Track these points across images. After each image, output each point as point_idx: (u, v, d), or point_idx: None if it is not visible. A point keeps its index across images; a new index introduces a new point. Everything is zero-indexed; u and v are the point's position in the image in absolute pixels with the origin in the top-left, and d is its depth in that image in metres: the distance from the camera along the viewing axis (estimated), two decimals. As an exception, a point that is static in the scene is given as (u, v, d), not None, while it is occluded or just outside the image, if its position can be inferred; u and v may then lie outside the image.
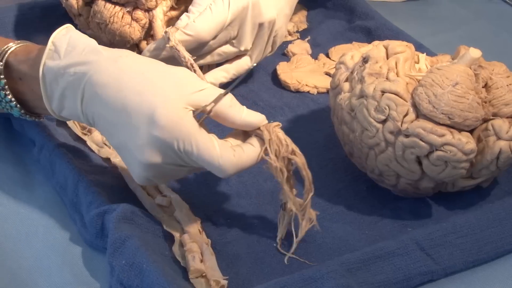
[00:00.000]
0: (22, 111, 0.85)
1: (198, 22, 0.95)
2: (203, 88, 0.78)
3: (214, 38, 0.97)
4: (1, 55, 0.83)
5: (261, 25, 0.99)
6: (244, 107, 0.79)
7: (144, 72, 0.78)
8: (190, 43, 0.95)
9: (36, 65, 0.80)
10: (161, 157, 0.76)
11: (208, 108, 0.77)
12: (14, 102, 0.83)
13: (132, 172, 0.80)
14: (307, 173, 0.79)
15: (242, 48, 1.00)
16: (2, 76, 0.82)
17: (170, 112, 0.75)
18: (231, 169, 0.77)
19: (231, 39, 0.99)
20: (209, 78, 0.99)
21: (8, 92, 0.83)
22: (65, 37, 0.80)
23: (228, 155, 0.77)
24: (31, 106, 0.85)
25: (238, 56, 1.01)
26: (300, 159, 0.79)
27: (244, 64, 1.02)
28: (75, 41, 0.80)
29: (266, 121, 0.80)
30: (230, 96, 0.78)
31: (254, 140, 0.79)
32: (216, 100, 0.77)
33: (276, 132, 0.79)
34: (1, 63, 0.82)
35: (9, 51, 0.83)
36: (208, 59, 1.00)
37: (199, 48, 0.97)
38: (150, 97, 0.76)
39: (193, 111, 0.77)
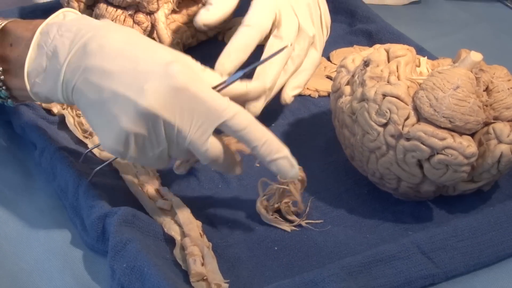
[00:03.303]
0: (1, 77, 0.81)
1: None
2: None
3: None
4: (3, 21, 0.82)
5: (308, 5, 0.95)
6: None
7: (152, 42, 0.79)
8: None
9: (35, 28, 0.79)
10: (163, 110, 0.74)
11: (222, 85, 0.79)
12: None
13: (109, 132, 0.76)
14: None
15: (311, 33, 0.94)
16: None
17: (186, 66, 0.76)
18: (246, 114, 0.76)
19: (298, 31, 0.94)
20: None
21: None
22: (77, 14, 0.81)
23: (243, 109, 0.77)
24: (6, 80, 0.82)
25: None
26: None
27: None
28: (85, 16, 0.81)
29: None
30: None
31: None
32: (233, 78, 0.79)
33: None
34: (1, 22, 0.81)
35: (11, 20, 0.82)
36: (290, 67, 0.94)
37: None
38: (162, 53, 0.76)
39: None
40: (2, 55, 0.81)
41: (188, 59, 0.80)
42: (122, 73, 0.75)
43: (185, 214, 0.84)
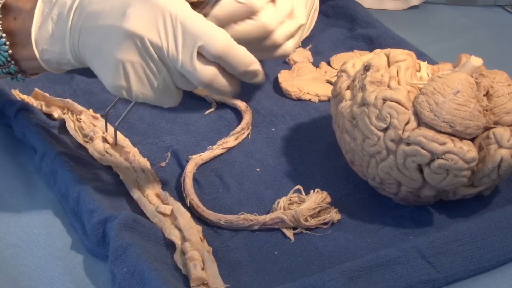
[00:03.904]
0: (9, 51, 0.81)
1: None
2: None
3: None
4: None
5: None
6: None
7: None
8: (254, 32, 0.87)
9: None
10: (146, 30, 0.74)
11: None
12: (4, 39, 0.81)
13: (106, 69, 0.77)
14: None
15: (304, 21, 0.90)
16: None
17: None
18: (222, 39, 0.75)
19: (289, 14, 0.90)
20: None
21: (0, 28, 0.81)
22: None
23: (221, 30, 0.76)
24: (15, 53, 0.82)
25: None
26: None
27: None
28: None
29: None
30: None
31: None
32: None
33: None
34: (0, 1, 0.81)
35: None
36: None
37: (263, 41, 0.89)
38: None
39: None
40: (7, 29, 0.81)
41: None
42: (111, 9, 0.76)
43: (185, 219, 0.84)
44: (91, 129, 0.95)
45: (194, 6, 1.10)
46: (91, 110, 0.99)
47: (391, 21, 1.21)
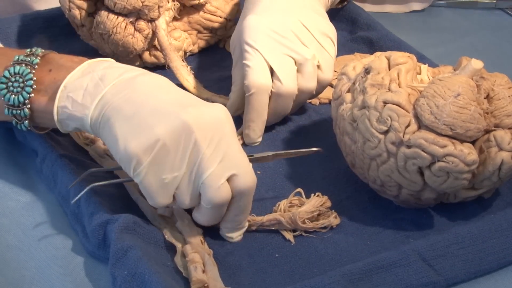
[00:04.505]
0: (31, 95, 0.83)
1: (248, 80, 0.95)
2: None
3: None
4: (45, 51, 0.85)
5: (292, 31, 0.98)
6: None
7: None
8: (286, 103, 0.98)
9: (82, 61, 0.82)
10: (199, 132, 0.77)
11: None
12: (32, 81, 0.82)
13: (137, 135, 0.77)
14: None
15: (309, 56, 0.97)
16: (39, 57, 0.83)
17: (225, 109, 0.80)
18: (254, 180, 0.81)
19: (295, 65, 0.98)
20: None
21: (34, 71, 0.83)
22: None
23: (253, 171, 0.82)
24: (35, 99, 0.83)
25: None
26: None
27: None
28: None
29: None
30: None
31: None
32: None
33: None
34: (44, 51, 0.84)
35: (52, 52, 0.86)
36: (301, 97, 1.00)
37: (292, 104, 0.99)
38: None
39: None
40: (39, 77, 0.83)
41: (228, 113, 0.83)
42: (169, 99, 0.78)
43: (186, 221, 0.84)
44: (92, 131, 0.95)
45: (195, 8, 1.11)
46: (92, 112, 0.98)
47: (391, 24, 1.21)
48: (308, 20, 0.99)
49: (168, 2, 1.06)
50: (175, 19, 1.09)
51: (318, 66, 0.98)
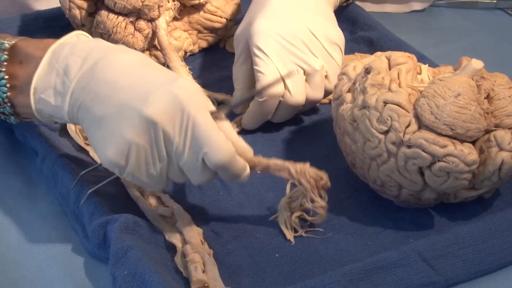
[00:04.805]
0: (8, 94, 0.81)
1: (262, 86, 0.95)
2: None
3: None
4: (13, 39, 0.83)
5: (301, 40, 0.98)
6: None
7: (161, 66, 0.82)
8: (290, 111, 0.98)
9: (47, 47, 0.80)
10: (163, 120, 0.76)
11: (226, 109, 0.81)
12: (4, 81, 0.81)
13: (109, 144, 0.77)
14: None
15: (318, 67, 0.97)
16: (6, 52, 0.82)
17: (193, 84, 0.79)
18: (227, 154, 0.78)
19: (303, 73, 0.98)
20: None
21: (4, 69, 0.81)
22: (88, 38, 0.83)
23: (229, 143, 0.79)
24: (12, 96, 0.82)
25: None
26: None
27: None
28: (100, 39, 0.83)
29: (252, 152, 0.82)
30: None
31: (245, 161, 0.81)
32: (224, 108, 0.82)
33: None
34: (10, 43, 0.82)
35: (21, 38, 0.84)
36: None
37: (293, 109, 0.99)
38: (171, 73, 0.80)
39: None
40: (11, 72, 0.81)
41: (196, 85, 0.82)
42: (130, 87, 0.77)
43: (186, 221, 0.84)
44: (92, 131, 0.95)
45: (195, 8, 1.11)
46: (92, 112, 0.99)
47: (392, 24, 1.21)
48: (317, 27, 0.99)
49: (168, 1, 1.06)
50: (175, 19, 1.09)
51: (326, 76, 0.99)
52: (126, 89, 0.77)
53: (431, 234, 0.85)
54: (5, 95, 0.82)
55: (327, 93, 1.00)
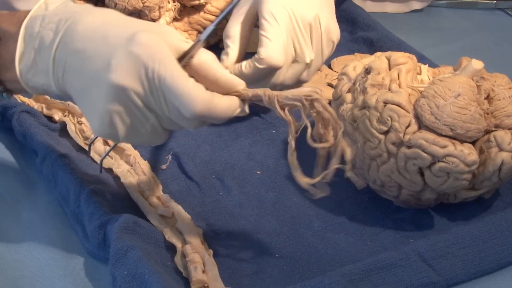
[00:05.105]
0: None
1: (266, 54, 0.92)
2: (187, 41, 0.77)
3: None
4: None
5: (310, 26, 0.95)
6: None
7: (129, 19, 0.77)
8: (261, 75, 0.93)
9: (20, 21, 0.78)
10: (130, 82, 0.72)
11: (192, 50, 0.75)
12: None
13: (93, 115, 0.75)
14: (330, 112, 0.75)
15: (308, 60, 0.95)
16: None
17: (151, 36, 0.73)
18: (200, 103, 0.72)
19: (294, 58, 0.96)
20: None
21: None
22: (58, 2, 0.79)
23: (200, 90, 0.73)
24: (6, 81, 0.80)
25: None
26: (319, 103, 0.75)
27: None
28: (66, 3, 0.79)
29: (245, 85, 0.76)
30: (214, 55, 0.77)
31: (232, 97, 0.76)
32: (198, 44, 0.76)
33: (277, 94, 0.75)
34: None
35: None
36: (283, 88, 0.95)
37: (267, 80, 0.95)
38: (134, 27, 0.75)
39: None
40: None
41: (162, 28, 0.77)
42: (95, 53, 0.74)
43: (186, 221, 0.84)
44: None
45: (195, 9, 1.11)
46: (92, 112, 0.99)
47: (392, 24, 1.21)
48: (324, 19, 0.97)
49: (169, 2, 1.06)
50: (175, 19, 1.09)
51: (304, 70, 0.97)
52: (93, 57, 0.74)
53: (431, 235, 0.85)
54: None
55: (298, 81, 0.98)
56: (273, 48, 0.92)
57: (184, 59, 0.74)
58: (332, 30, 0.98)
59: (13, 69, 0.78)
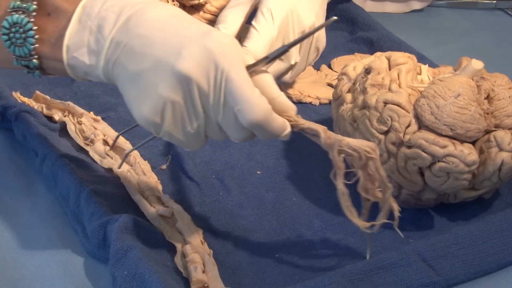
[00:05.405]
0: (36, 45, 0.77)
1: (250, 45, 0.92)
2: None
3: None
4: None
5: (303, 32, 0.96)
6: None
7: (196, 19, 0.78)
8: None
9: (76, 0, 0.77)
10: (197, 75, 0.73)
11: (262, 63, 0.76)
12: (33, 31, 0.77)
13: (145, 100, 0.74)
14: (381, 175, 0.77)
15: (293, 62, 0.96)
16: (35, 2, 0.77)
17: (228, 37, 0.75)
18: (262, 112, 0.73)
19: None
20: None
21: (33, 20, 0.77)
22: None
23: (264, 100, 0.74)
24: (40, 49, 0.79)
25: None
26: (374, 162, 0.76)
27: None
28: None
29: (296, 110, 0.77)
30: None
31: (284, 119, 0.76)
32: (264, 60, 0.77)
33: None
34: None
35: None
36: None
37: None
38: (207, 26, 0.76)
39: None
40: (39, 24, 0.78)
41: (232, 38, 0.77)
42: (164, 41, 0.74)
43: (186, 222, 0.84)
44: (92, 131, 0.95)
45: (194, 8, 1.11)
46: (91, 112, 0.99)
47: (392, 24, 1.21)
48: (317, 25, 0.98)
49: (168, 2, 1.06)
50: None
51: (287, 70, 0.98)
52: (160, 44, 0.74)
53: (431, 235, 0.85)
54: (32, 47, 0.78)
55: (280, 81, 0.98)
56: (258, 40, 0.92)
57: (248, 70, 0.75)
58: (321, 38, 1.00)
59: (57, 46, 0.77)
